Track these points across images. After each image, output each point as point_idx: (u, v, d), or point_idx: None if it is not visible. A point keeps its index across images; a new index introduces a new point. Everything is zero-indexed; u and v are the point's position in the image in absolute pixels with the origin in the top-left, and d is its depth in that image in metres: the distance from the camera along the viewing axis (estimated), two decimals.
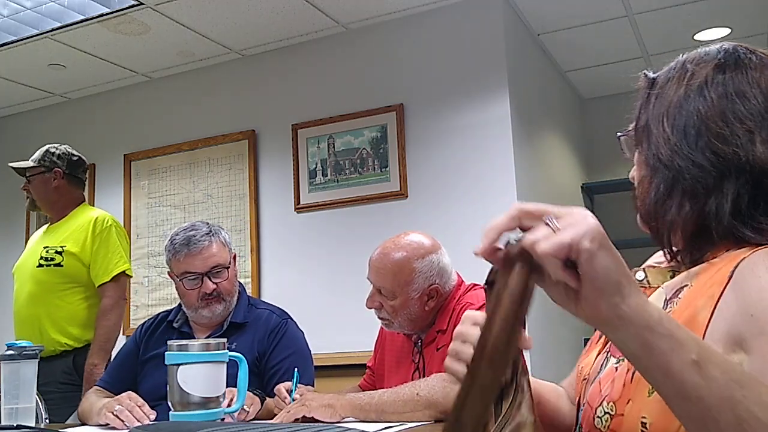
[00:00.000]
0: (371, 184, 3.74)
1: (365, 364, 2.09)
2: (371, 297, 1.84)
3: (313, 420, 1.53)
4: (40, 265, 2.76)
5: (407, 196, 3.66)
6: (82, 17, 3.63)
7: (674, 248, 0.87)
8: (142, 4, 3.50)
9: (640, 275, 0.90)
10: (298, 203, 3.92)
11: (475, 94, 3.60)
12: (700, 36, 4.14)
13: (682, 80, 0.88)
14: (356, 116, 3.82)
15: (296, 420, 1.52)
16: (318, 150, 3.91)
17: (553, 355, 3.61)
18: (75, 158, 2.91)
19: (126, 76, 4.41)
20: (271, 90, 4.12)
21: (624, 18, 3.87)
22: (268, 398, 1.80)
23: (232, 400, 1.60)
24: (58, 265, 2.74)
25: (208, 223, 2.03)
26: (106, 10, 3.55)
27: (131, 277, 2.88)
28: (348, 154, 3.83)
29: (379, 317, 1.86)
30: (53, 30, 3.75)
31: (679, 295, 0.82)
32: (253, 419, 1.68)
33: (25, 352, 1.70)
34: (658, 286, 0.88)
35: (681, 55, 0.94)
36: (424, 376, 1.76)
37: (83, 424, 1.86)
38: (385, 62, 3.84)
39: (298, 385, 1.66)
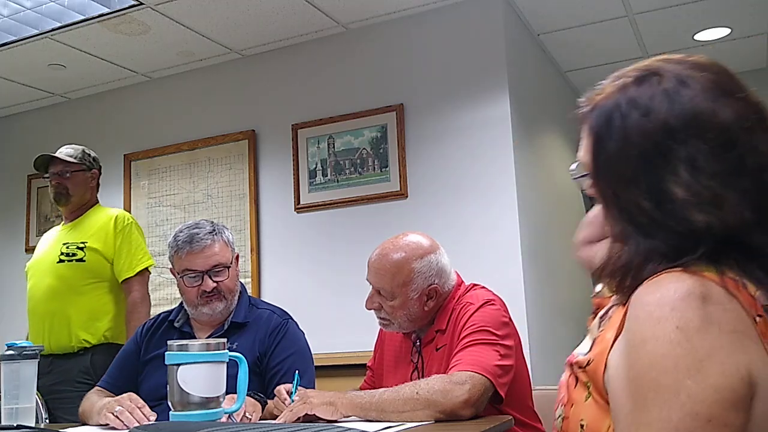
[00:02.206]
0: (371, 184, 3.74)
1: (365, 364, 2.09)
2: (370, 298, 1.84)
3: (314, 418, 1.53)
4: (61, 261, 2.79)
5: (407, 196, 3.66)
6: (82, 17, 3.63)
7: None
8: (142, 4, 3.50)
9: (599, 286, 0.94)
10: (298, 203, 3.92)
11: (475, 94, 3.60)
12: (700, 36, 4.14)
13: (638, 123, 0.83)
14: (356, 116, 3.82)
15: (298, 419, 1.52)
16: (318, 150, 3.91)
17: (553, 354, 3.61)
18: (95, 157, 3.04)
19: (126, 76, 4.42)
20: (271, 90, 4.13)
21: (624, 18, 3.87)
22: (268, 400, 1.80)
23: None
24: (81, 260, 2.78)
25: (212, 222, 2.04)
26: (106, 10, 3.56)
27: (150, 273, 2.95)
28: (348, 154, 3.83)
29: (378, 318, 1.86)
30: (53, 30, 3.75)
31: (609, 315, 0.87)
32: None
33: (25, 352, 1.70)
34: (609, 298, 0.92)
35: (618, 73, 0.88)
36: (423, 376, 1.76)
37: (83, 424, 1.86)
38: (385, 62, 3.84)
39: (299, 387, 1.66)
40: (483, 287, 1.88)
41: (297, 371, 1.72)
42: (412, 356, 1.87)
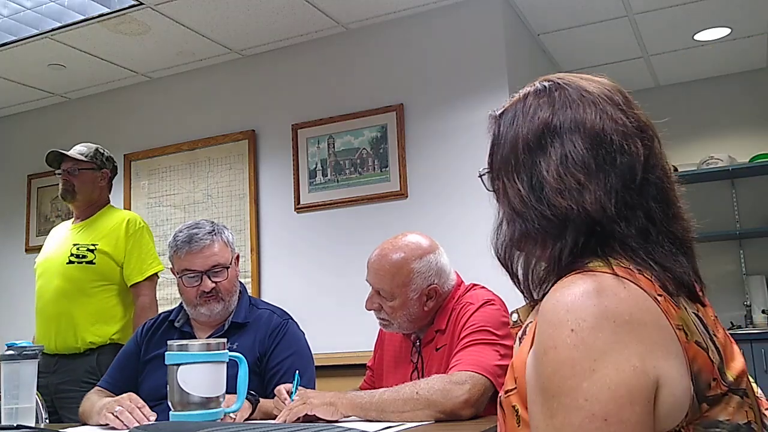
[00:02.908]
0: (371, 184, 3.75)
1: (365, 365, 2.09)
2: (370, 298, 1.84)
3: (314, 418, 1.53)
4: (71, 262, 2.78)
5: (407, 196, 3.66)
6: (82, 17, 3.63)
7: (528, 288, 0.96)
8: (142, 4, 3.50)
9: (514, 317, 1.00)
10: (298, 203, 3.92)
11: (475, 93, 3.60)
12: (700, 36, 4.14)
13: (522, 126, 0.95)
14: (356, 116, 3.82)
15: (298, 419, 1.52)
16: (318, 150, 3.91)
17: None
18: (115, 164, 3.03)
19: (126, 76, 4.42)
20: (271, 90, 4.13)
21: (624, 18, 3.88)
22: (266, 399, 1.80)
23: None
24: (90, 262, 2.78)
25: (212, 222, 2.04)
26: (106, 10, 3.56)
27: (159, 278, 2.94)
28: (348, 154, 3.83)
29: (377, 318, 1.86)
30: (53, 30, 3.75)
31: (526, 332, 0.92)
32: (248, 419, 1.68)
33: (25, 352, 1.70)
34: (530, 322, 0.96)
35: (524, 88, 1.00)
36: (422, 376, 1.76)
37: (84, 424, 1.86)
38: (385, 62, 3.84)
39: (299, 387, 1.66)
40: (483, 287, 1.88)
41: (297, 371, 1.72)
42: (412, 356, 1.87)
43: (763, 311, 4.34)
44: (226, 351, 1.54)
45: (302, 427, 1.37)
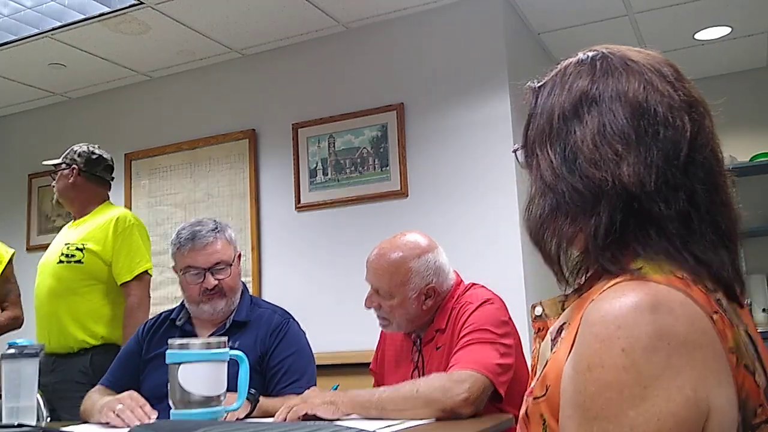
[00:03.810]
0: (372, 184, 3.75)
1: (366, 363, 2.10)
2: (369, 297, 1.85)
3: (315, 417, 1.53)
4: (61, 262, 2.78)
5: (408, 196, 3.67)
6: (82, 16, 3.63)
7: (563, 273, 0.90)
8: (142, 3, 3.50)
9: (538, 310, 0.94)
10: (299, 202, 3.92)
11: (476, 93, 3.60)
12: (700, 35, 4.14)
13: (559, 96, 0.90)
14: (357, 115, 3.82)
15: (298, 418, 1.53)
16: (318, 149, 3.91)
17: None
18: (95, 156, 2.94)
19: (126, 76, 4.42)
20: (272, 89, 4.13)
21: (624, 17, 3.87)
22: (266, 398, 1.80)
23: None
24: (79, 261, 2.75)
25: (215, 220, 2.04)
26: (107, 10, 3.56)
27: (152, 276, 2.88)
28: (348, 153, 3.83)
29: (377, 317, 1.87)
30: (54, 29, 3.75)
31: (561, 335, 0.85)
32: (245, 418, 1.68)
33: (26, 351, 1.71)
34: (556, 318, 0.90)
35: (562, 61, 0.96)
36: (423, 375, 1.77)
37: (85, 422, 1.86)
38: (385, 61, 3.84)
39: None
40: (482, 286, 1.88)
41: (338, 385, 1.73)
42: (413, 355, 1.88)
43: (764, 310, 4.35)
44: (227, 350, 1.54)
45: (302, 425, 1.37)
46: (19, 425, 1.60)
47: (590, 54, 0.92)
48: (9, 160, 4.93)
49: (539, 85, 0.95)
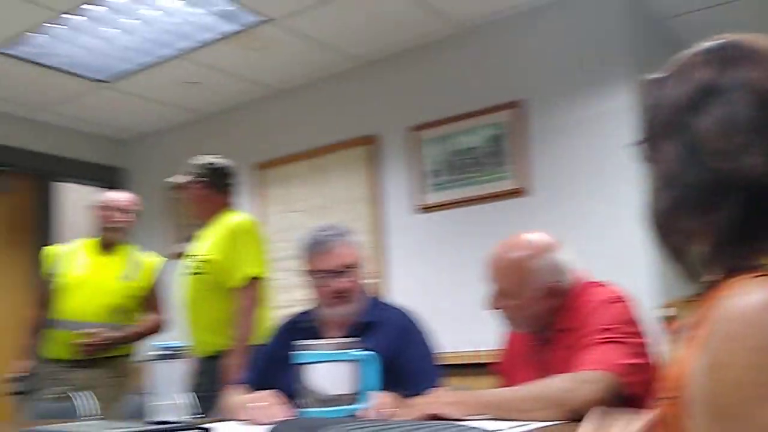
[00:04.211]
0: (492, 183, 3.73)
1: (490, 363, 2.10)
2: (491, 298, 1.85)
3: (441, 417, 1.55)
4: (190, 273, 2.97)
5: (529, 194, 3.62)
6: (214, 36, 3.85)
7: (690, 270, 0.87)
8: (268, 20, 3.67)
9: (669, 309, 0.91)
10: (419, 204, 3.97)
11: (599, 84, 3.50)
12: None
13: (682, 87, 0.87)
14: (475, 115, 3.82)
15: (425, 417, 1.56)
16: (437, 151, 3.94)
17: None
18: (218, 167, 3.08)
19: (255, 90, 4.64)
20: (390, 94, 4.20)
21: None
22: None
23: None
24: (202, 273, 2.92)
25: (340, 225, 2.12)
26: (236, 28, 3.76)
27: (264, 280, 2.96)
28: (467, 153, 3.83)
29: (500, 317, 1.87)
30: (188, 50, 4.00)
31: (691, 333, 0.82)
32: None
33: (171, 352, 1.85)
34: (687, 317, 0.87)
35: (684, 51, 0.92)
36: (549, 376, 1.75)
37: (228, 419, 1.98)
38: (502, 59, 3.81)
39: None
40: (607, 285, 1.84)
41: (463, 385, 1.75)
42: (538, 356, 1.86)
43: None
44: (355, 350, 1.60)
45: (428, 425, 1.40)
46: (170, 422, 1.73)
47: (713, 43, 0.89)
48: (152, 174, 5.31)
49: (659, 77, 0.93)
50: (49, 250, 3.48)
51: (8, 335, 4.84)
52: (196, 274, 2.93)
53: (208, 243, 2.98)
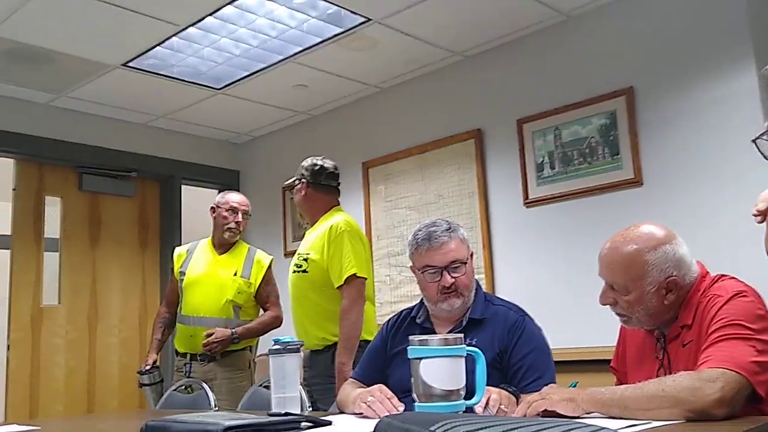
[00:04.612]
0: (602, 174, 3.62)
1: (605, 360, 2.04)
2: (604, 293, 1.79)
3: (554, 414, 1.53)
4: (295, 271, 3.08)
5: (642, 184, 3.48)
6: (319, 39, 3.95)
7: None
8: (370, 20, 3.72)
9: None
10: (527, 198, 3.91)
11: (715, 67, 3.32)
12: None
13: None
14: (582, 105, 3.72)
15: (537, 414, 1.54)
16: (544, 143, 3.87)
17: None
18: (317, 167, 3.16)
19: (359, 89, 4.72)
20: (495, 87, 4.16)
21: None
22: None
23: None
24: (304, 271, 3.03)
25: (448, 221, 2.12)
26: (340, 30, 3.84)
27: (365, 278, 3.00)
28: (576, 144, 3.74)
29: (615, 313, 1.81)
30: (295, 54, 4.13)
31: None
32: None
33: (289, 347, 1.91)
34: None
35: None
36: (669, 374, 1.68)
37: (341, 412, 2.03)
38: (609, 46, 3.69)
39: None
40: (732, 278, 1.74)
41: (577, 382, 1.73)
42: (657, 353, 1.79)
43: None
44: (464, 345, 1.60)
45: (542, 422, 1.38)
46: (286, 414, 1.79)
47: None
48: (265, 175, 5.51)
49: None
50: (177, 250, 3.68)
51: (140, 331, 5.18)
52: (299, 271, 3.03)
53: (310, 242, 3.07)
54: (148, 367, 3.43)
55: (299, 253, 3.09)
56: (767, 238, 0.93)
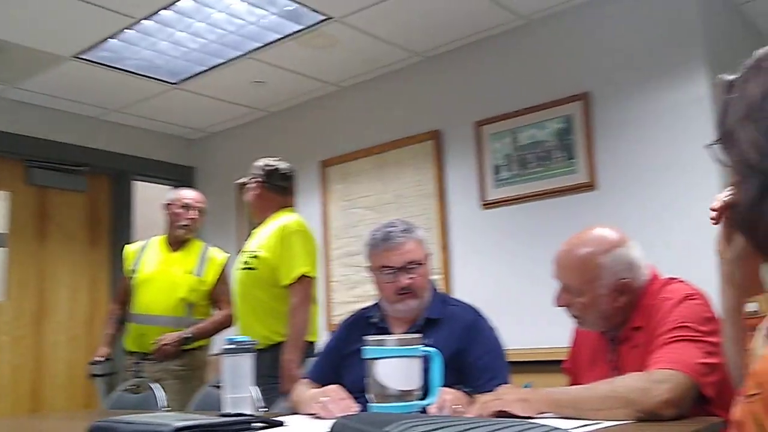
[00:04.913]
0: (558, 177, 3.67)
1: (558, 361, 2.06)
2: (558, 295, 1.81)
3: (508, 414, 1.54)
4: (242, 268, 3.05)
5: (597, 188, 3.54)
6: (278, 36, 3.91)
7: None
8: (330, 18, 3.70)
9: (752, 306, 0.89)
10: (485, 199, 3.93)
11: (668, 74, 3.39)
12: None
13: (759, 78, 0.85)
14: (540, 108, 3.76)
15: (491, 414, 1.54)
16: (502, 145, 3.90)
17: None
18: (271, 168, 3.17)
19: (318, 87, 4.69)
20: (453, 89, 4.18)
21: None
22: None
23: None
24: (253, 268, 3.00)
25: (405, 221, 2.12)
26: (299, 27, 3.81)
27: (314, 278, 3.01)
28: (533, 148, 3.78)
29: (570, 315, 1.83)
30: (254, 50, 4.08)
31: None
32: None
33: (242, 346, 1.89)
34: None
35: (755, 52, 0.90)
36: (620, 375, 1.70)
37: (294, 412, 2.01)
38: (568, 51, 3.74)
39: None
40: (682, 281, 1.78)
41: (530, 382, 1.74)
42: (609, 355, 1.82)
43: None
44: (420, 346, 1.60)
45: (495, 422, 1.38)
46: (238, 414, 1.77)
47: None
48: (221, 172, 5.44)
49: (734, 76, 0.92)
50: (128, 247, 3.61)
51: (88, 329, 5.05)
52: (246, 268, 3.01)
53: (259, 240, 3.06)
54: (101, 359, 3.38)
55: (246, 251, 3.07)
56: (719, 240, 0.96)
